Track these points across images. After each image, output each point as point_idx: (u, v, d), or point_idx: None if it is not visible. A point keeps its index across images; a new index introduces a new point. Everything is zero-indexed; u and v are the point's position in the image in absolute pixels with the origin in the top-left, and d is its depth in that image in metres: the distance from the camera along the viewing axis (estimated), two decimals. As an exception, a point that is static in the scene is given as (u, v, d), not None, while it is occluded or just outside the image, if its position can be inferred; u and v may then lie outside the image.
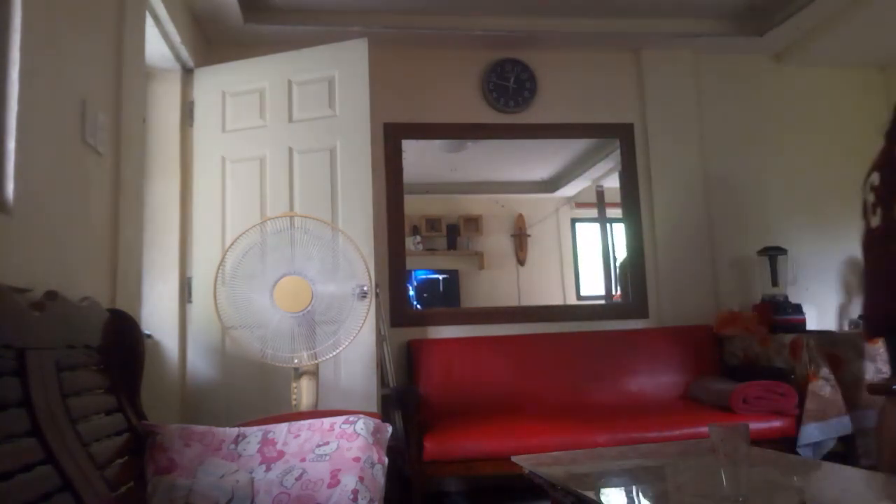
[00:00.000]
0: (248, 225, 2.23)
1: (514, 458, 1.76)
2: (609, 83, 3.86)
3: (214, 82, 3.03)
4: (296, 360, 2.16)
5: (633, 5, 3.53)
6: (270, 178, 2.91)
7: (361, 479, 1.48)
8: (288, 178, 2.90)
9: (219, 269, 2.18)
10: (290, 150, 2.91)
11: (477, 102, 3.74)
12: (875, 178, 2.04)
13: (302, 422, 1.64)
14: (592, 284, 4.14)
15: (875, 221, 1.96)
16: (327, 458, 1.52)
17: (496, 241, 4.31)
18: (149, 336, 2.67)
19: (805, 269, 3.77)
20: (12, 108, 1.37)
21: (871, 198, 2.06)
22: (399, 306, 3.48)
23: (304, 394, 2.18)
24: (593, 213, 4.21)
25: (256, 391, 2.71)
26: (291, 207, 2.84)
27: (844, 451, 2.90)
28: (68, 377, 1.28)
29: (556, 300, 4.20)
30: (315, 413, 1.91)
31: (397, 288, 3.50)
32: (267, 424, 1.65)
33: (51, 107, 1.54)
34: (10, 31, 1.38)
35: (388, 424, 1.71)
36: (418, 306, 3.92)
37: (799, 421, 2.83)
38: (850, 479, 1.56)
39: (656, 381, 3.39)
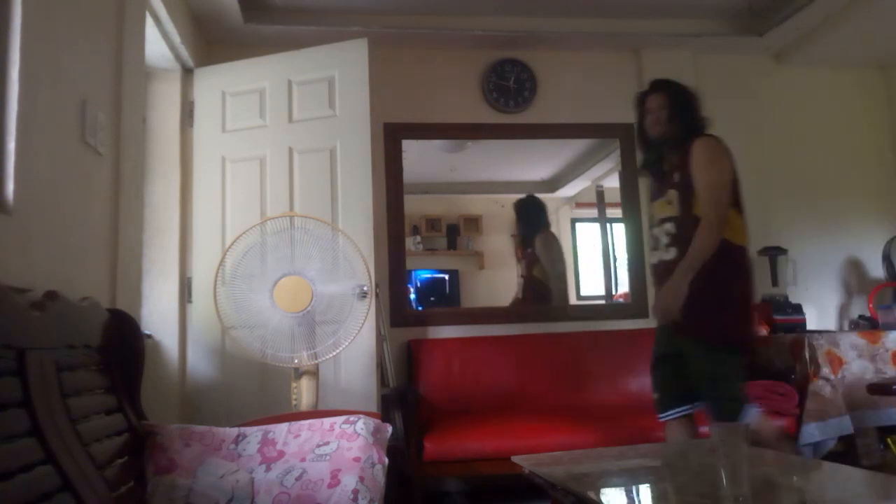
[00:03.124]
0: (248, 225, 2.23)
1: (514, 458, 1.75)
2: (609, 83, 3.86)
3: (214, 82, 3.03)
4: (296, 360, 2.16)
5: (633, 5, 3.53)
6: (270, 178, 2.91)
7: (361, 479, 1.48)
8: (288, 178, 2.89)
9: (219, 269, 2.18)
10: (290, 150, 2.91)
11: (477, 102, 3.74)
12: None
13: (302, 422, 1.64)
14: (592, 284, 4.13)
15: None
16: (327, 458, 1.52)
17: (496, 241, 4.30)
18: (149, 336, 2.67)
19: (805, 269, 3.77)
20: (12, 108, 1.37)
21: None
22: (399, 306, 3.48)
23: (304, 394, 2.18)
24: (593, 213, 4.20)
25: (256, 391, 2.71)
26: (291, 207, 2.84)
27: (844, 451, 2.90)
28: (68, 377, 1.28)
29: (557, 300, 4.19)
30: (315, 413, 1.91)
31: (397, 288, 3.49)
32: (267, 424, 1.65)
33: (51, 107, 1.54)
34: (10, 32, 1.38)
35: (388, 424, 1.71)
36: (419, 307, 3.92)
37: (799, 421, 2.83)
38: (850, 479, 1.56)
39: (656, 381, 3.38)
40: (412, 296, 3.83)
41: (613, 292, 3.99)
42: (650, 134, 2.47)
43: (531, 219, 4.04)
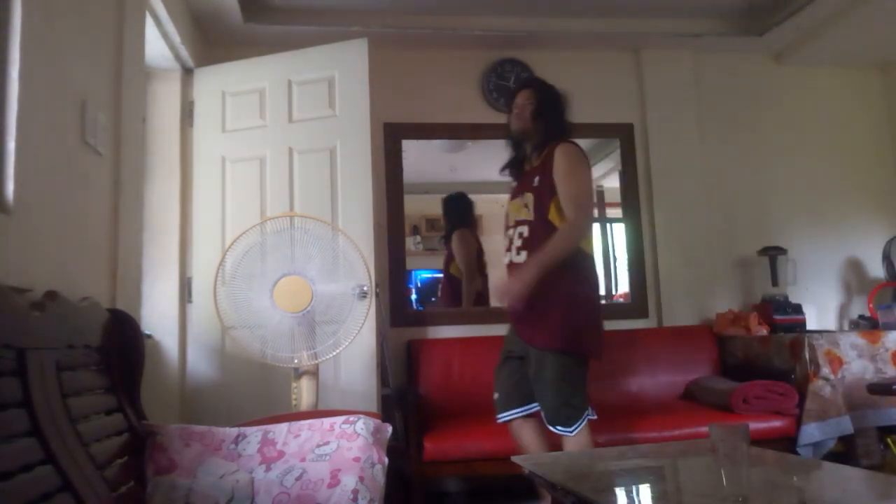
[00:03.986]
0: (248, 225, 2.23)
1: (514, 458, 1.75)
2: (609, 83, 3.86)
3: (214, 82, 3.03)
4: (296, 360, 2.16)
5: (633, 5, 3.53)
6: (270, 178, 2.91)
7: (361, 479, 1.48)
8: (288, 178, 2.89)
9: (219, 269, 2.18)
10: (290, 150, 2.91)
11: (477, 102, 3.74)
12: None
13: (302, 422, 1.64)
14: (592, 284, 4.13)
15: None
16: (327, 458, 1.52)
17: (496, 241, 4.28)
18: (149, 336, 2.67)
19: (805, 269, 3.77)
20: (12, 108, 1.37)
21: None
22: (399, 306, 3.47)
23: (304, 394, 2.18)
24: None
25: (256, 391, 2.71)
26: (291, 207, 2.84)
27: (844, 451, 2.90)
28: (68, 377, 1.28)
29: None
30: (315, 413, 1.91)
31: (397, 288, 3.49)
32: (267, 424, 1.65)
33: (51, 107, 1.54)
34: (9, 31, 1.38)
35: (388, 424, 1.71)
36: (419, 308, 3.91)
37: (799, 421, 2.83)
38: (850, 479, 1.56)
39: (656, 381, 3.38)
40: (413, 296, 3.83)
41: (613, 292, 3.99)
42: (512, 128, 2.48)
43: (452, 215, 3.98)
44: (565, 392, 2.26)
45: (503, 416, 2.39)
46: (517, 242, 2.35)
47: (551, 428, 2.28)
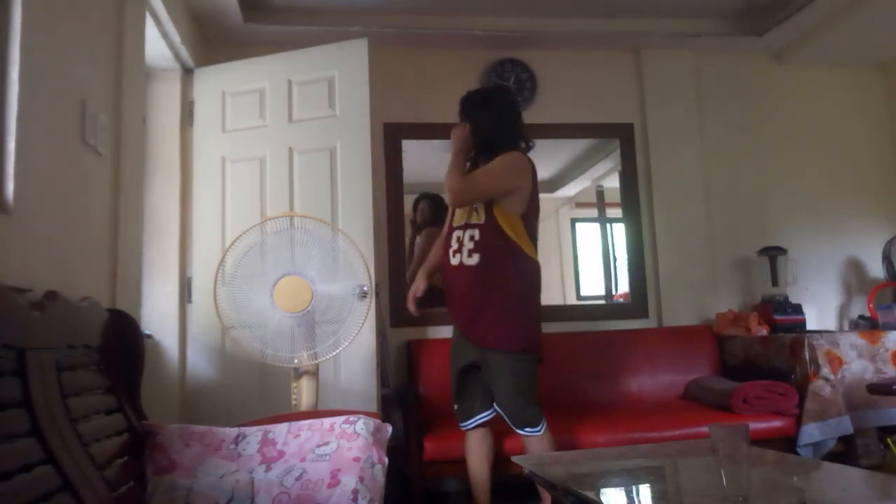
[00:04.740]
0: (248, 225, 2.23)
1: (513, 458, 1.76)
2: (609, 83, 3.86)
3: (214, 82, 3.03)
4: (296, 360, 2.16)
5: (633, 5, 3.53)
6: (270, 178, 2.91)
7: (361, 479, 1.48)
8: (288, 178, 2.89)
9: (219, 269, 2.18)
10: (290, 150, 2.91)
11: (477, 102, 3.73)
12: None
13: (302, 422, 1.64)
14: (592, 284, 4.13)
15: None
16: (327, 458, 1.52)
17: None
18: (149, 336, 2.67)
19: (805, 269, 3.77)
20: (12, 108, 1.37)
21: None
22: (399, 306, 3.47)
23: (304, 394, 2.18)
24: (593, 213, 4.20)
25: (256, 391, 2.71)
26: (291, 207, 2.84)
27: (844, 451, 2.90)
28: (68, 377, 1.28)
29: (556, 300, 4.19)
30: (315, 413, 1.91)
31: (397, 288, 3.49)
32: (267, 424, 1.65)
33: (51, 107, 1.54)
34: (10, 31, 1.38)
35: (388, 424, 1.71)
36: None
37: (799, 421, 2.83)
38: (850, 479, 1.56)
39: (656, 381, 3.38)
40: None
41: (613, 292, 3.99)
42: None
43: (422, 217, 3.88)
44: (529, 393, 2.30)
45: (472, 422, 2.42)
46: (469, 245, 2.36)
47: (519, 431, 2.31)
